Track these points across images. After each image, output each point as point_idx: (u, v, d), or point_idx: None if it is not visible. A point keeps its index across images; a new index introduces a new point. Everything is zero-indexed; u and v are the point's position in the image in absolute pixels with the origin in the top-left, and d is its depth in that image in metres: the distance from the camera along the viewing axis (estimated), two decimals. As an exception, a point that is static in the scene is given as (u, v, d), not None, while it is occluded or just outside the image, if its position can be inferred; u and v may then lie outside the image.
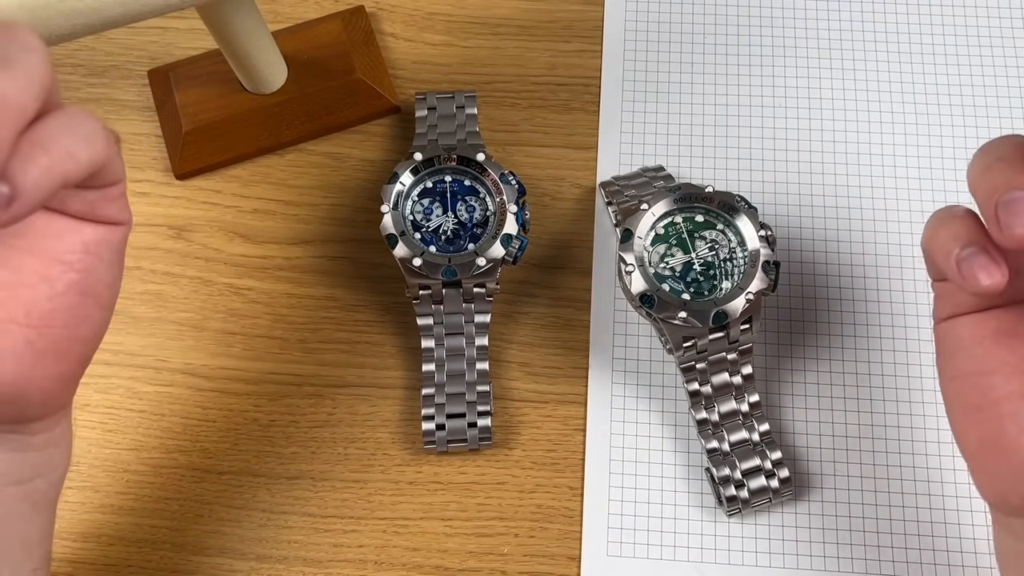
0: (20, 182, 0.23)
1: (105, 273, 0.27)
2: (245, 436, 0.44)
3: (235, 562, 0.42)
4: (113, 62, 0.51)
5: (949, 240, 0.28)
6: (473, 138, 0.45)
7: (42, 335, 0.26)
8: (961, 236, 0.28)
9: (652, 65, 0.50)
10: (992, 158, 0.28)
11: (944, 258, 0.28)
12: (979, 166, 0.28)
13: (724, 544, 0.41)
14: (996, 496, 0.29)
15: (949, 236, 0.28)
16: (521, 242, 0.42)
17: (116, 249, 0.28)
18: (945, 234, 0.29)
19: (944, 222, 0.29)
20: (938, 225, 0.29)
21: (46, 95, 0.24)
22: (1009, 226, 0.26)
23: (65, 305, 0.26)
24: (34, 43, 0.24)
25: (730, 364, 0.41)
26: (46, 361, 0.26)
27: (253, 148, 0.48)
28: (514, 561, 0.41)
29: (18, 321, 0.25)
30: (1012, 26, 0.50)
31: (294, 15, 0.52)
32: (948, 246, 0.28)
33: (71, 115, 0.25)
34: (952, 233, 0.28)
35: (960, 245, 0.28)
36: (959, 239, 0.28)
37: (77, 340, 0.27)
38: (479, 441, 0.42)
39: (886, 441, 0.43)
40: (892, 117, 0.48)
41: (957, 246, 0.28)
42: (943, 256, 0.28)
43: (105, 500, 0.43)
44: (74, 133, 0.24)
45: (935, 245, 0.29)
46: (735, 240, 0.41)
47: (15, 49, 0.23)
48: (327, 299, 0.46)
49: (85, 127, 0.25)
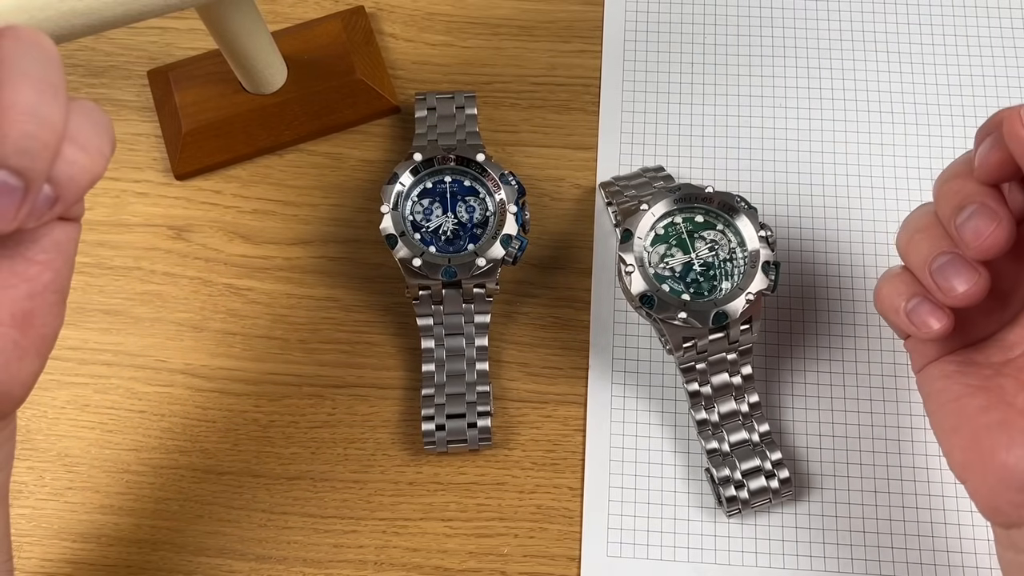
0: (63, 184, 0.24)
1: (70, 269, 0.28)
2: (245, 437, 0.44)
3: (235, 562, 0.42)
4: (113, 62, 0.51)
5: (894, 296, 0.32)
6: (473, 138, 0.45)
7: (25, 334, 0.26)
8: (903, 291, 0.31)
9: (652, 65, 0.50)
10: (911, 231, 0.32)
11: (894, 314, 0.32)
12: (902, 242, 0.32)
13: (724, 544, 0.41)
14: (990, 509, 0.31)
15: (893, 292, 0.32)
16: (521, 242, 0.42)
17: (76, 244, 0.28)
18: (888, 291, 0.32)
19: (885, 281, 0.33)
20: (881, 286, 0.32)
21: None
22: (949, 288, 0.30)
23: (43, 304, 0.27)
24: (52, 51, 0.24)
25: (730, 364, 0.41)
26: (28, 360, 0.27)
27: (253, 148, 0.48)
28: (514, 561, 0.42)
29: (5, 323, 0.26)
30: (1012, 26, 0.50)
31: (294, 15, 0.52)
32: (895, 302, 0.31)
33: (91, 112, 0.26)
34: (895, 290, 0.32)
35: (904, 299, 0.31)
36: (902, 294, 0.31)
37: (51, 337, 0.28)
38: (479, 441, 0.42)
39: (886, 441, 0.43)
40: (892, 117, 0.48)
41: (902, 300, 0.31)
42: (892, 312, 0.32)
43: (105, 500, 0.43)
44: (102, 132, 0.25)
45: (884, 305, 0.32)
46: (735, 240, 0.41)
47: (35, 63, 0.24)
48: (327, 299, 0.46)
49: (104, 123, 0.26)
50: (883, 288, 0.32)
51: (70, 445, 0.44)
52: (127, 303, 0.46)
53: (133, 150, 0.49)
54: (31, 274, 0.26)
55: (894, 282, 0.32)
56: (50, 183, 0.24)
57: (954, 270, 0.30)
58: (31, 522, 0.43)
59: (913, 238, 0.31)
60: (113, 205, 0.48)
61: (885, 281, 0.32)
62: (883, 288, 0.32)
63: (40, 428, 0.44)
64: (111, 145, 0.26)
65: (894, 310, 0.32)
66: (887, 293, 0.32)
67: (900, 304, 0.31)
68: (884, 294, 0.32)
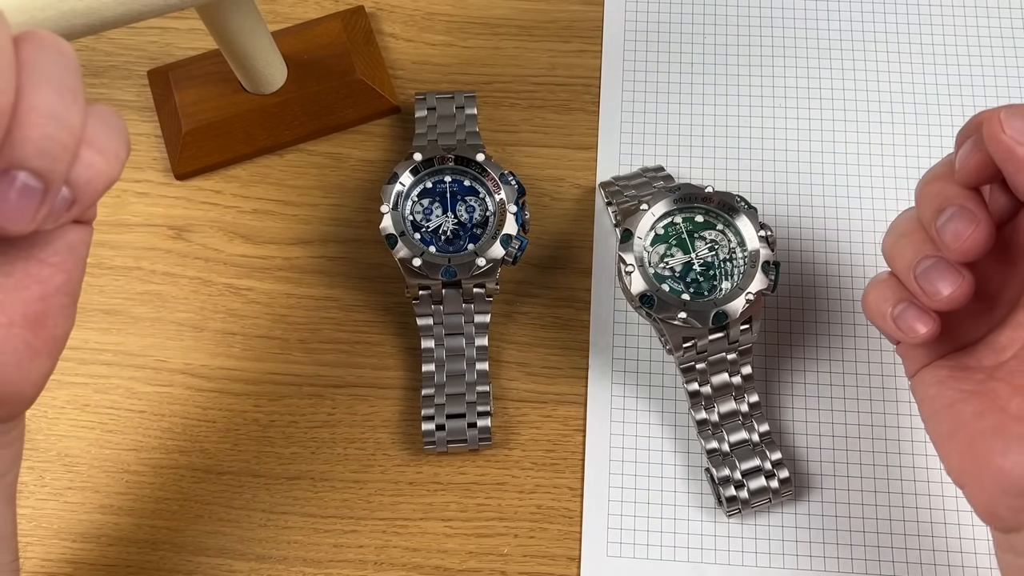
0: (81, 187, 0.25)
1: (82, 271, 0.28)
2: (245, 436, 0.44)
3: (235, 562, 0.42)
4: (113, 62, 0.51)
5: (880, 302, 0.32)
6: (473, 138, 0.45)
7: (37, 336, 0.26)
8: (889, 297, 0.32)
9: (652, 65, 0.50)
10: (896, 235, 0.32)
11: (881, 320, 0.32)
12: (888, 247, 0.32)
13: (724, 544, 0.41)
14: (988, 514, 0.31)
15: (879, 298, 0.32)
16: (521, 242, 0.42)
17: (88, 247, 0.28)
18: (875, 297, 0.32)
19: (872, 287, 0.33)
20: (868, 293, 0.33)
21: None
22: (934, 292, 0.30)
23: (55, 305, 0.27)
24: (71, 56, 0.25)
25: (730, 364, 0.41)
26: (40, 361, 0.27)
27: (253, 148, 0.48)
28: (514, 561, 0.42)
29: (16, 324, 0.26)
30: (1012, 26, 0.50)
31: (294, 15, 0.52)
32: (881, 308, 0.32)
33: (107, 116, 0.26)
34: (881, 296, 0.32)
35: (891, 304, 0.31)
36: (888, 300, 0.31)
37: (63, 338, 0.28)
38: (479, 441, 0.42)
39: (886, 441, 0.43)
40: (892, 117, 0.48)
41: (889, 306, 0.31)
42: (880, 318, 0.32)
43: (105, 500, 0.43)
44: (118, 136, 0.26)
45: (871, 312, 0.33)
46: (735, 240, 0.41)
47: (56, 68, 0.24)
48: (327, 299, 0.46)
49: (120, 126, 0.26)
50: (870, 294, 0.33)
51: (70, 445, 0.44)
52: (127, 303, 0.46)
53: (133, 150, 0.49)
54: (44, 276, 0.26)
55: (880, 288, 0.32)
56: (68, 186, 0.25)
57: (938, 274, 0.30)
58: (31, 522, 0.43)
59: (898, 242, 0.32)
60: (113, 205, 0.48)
61: (872, 287, 0.33)
62: (870, 294, 0.33)
63: (40, 428, 0.44)
64: (126, 149, 0.26)
65: (881, 316, 0.32)
66: (873, 299, 0.32)
67: (887, 310, 0.32)
68: (871, 300, 0.33)
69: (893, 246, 0.32)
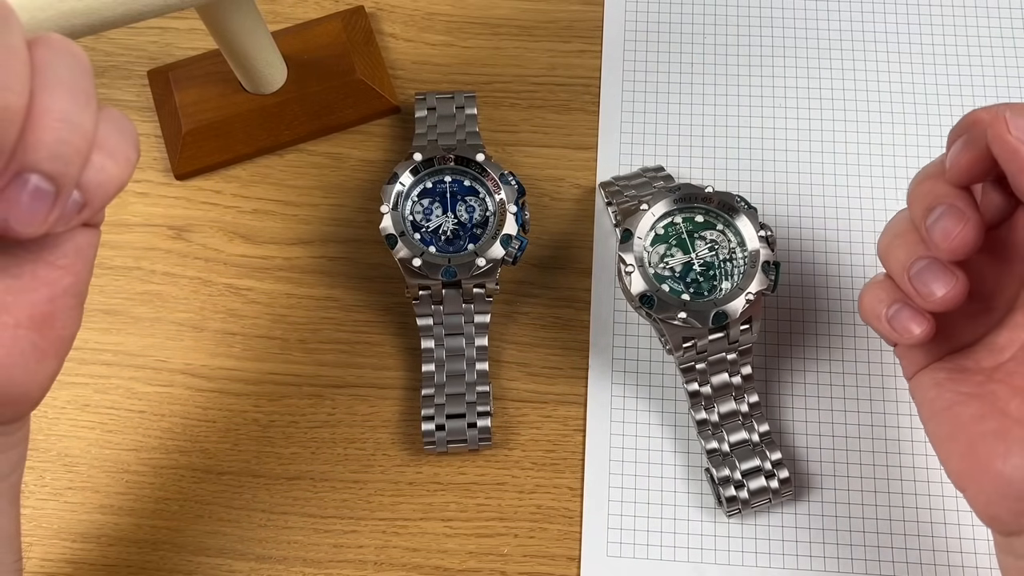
0: (92, 190, 0.25)
1: (90, 273, 0.28)
2: (245, 436, 0.44)
3: (235, 562, 0.42)
4: (113, 62, 0.51)
5: (875, 303, 0.32)
6: (473, 138, 0.45)
7: (44, 337, 0.27)
8: (884, 298, 0.32)
9: (652, 65, 0.50)
10: (891, 236, 0.32)
11: (877, 321, 0.32)
12: (882, 248, 0.32)
13: (724, 544, 0.41)
14: (989, 517, 0.31)
15: (874, 300, 0.32)
16: (521, 242, 0.42)
17: (96, 250, 0.29)
18: (870, 299, 0.32)
19: (867, 289, 0.33)
20: (863, 294, 0.33)
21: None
22: (927, 293, 0.30)
23: (62, 307, 0.27)
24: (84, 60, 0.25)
25: (730, 364, 0.41)
26: (47, 362, 0.27)
27: (253, 148, 0.48)
28: (514, 561, 0.42)
29: (23, 325, 0.26)
30: (1012, 26, 0.50)
31: (294, 15, 0.52)
32: (876, 309, 0.32)
33: (118, 119, 0.26)
34: (876, 297, 0.32)
35: (885, 306, 0.32)
36: (883, 301, 0.32)
37: (69, 339, 0.28)
38: (479, 441, 0.42)
39: (886, 441, 0.43)
40: (892, 117, 0.48)
41: (883, 307, 0.32)
42: (875, 320, 0.32)
43: (105, 500, 0.43)
44: (128, 140, 0.26)
45: (867, 313, 0.33)
46: (735, 240, 0.41)
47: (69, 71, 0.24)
48: (327, 299, 0.46)
49: (130, 130, 0.26)
50: (865, 296, 0.33)
51: (70, 445, 0.44)
52: (127, 303, 0.46)
53: (133, 150, 0.49)
54: (52, 278, 0.27)
55: (875, 290, 0.32)
56: (79, 189, 0.25)
57: (932, 275, 0.30)
58: (31, 522, 0.43)
59: (892, 243, 0.32)
60: (113, 205, 0.48)
61: (867, 289, 0.33)
62: (865, 296, 0.33)
63: (40, 428, 0.44)
64: (136, 153, 0.26)
65: (876, 317, 0.32)
66: (868, 301, 0.32)
67: (881, 311, 0.32)
68: (866, 301, 0.33)
69: (887, 247, 0.32)
